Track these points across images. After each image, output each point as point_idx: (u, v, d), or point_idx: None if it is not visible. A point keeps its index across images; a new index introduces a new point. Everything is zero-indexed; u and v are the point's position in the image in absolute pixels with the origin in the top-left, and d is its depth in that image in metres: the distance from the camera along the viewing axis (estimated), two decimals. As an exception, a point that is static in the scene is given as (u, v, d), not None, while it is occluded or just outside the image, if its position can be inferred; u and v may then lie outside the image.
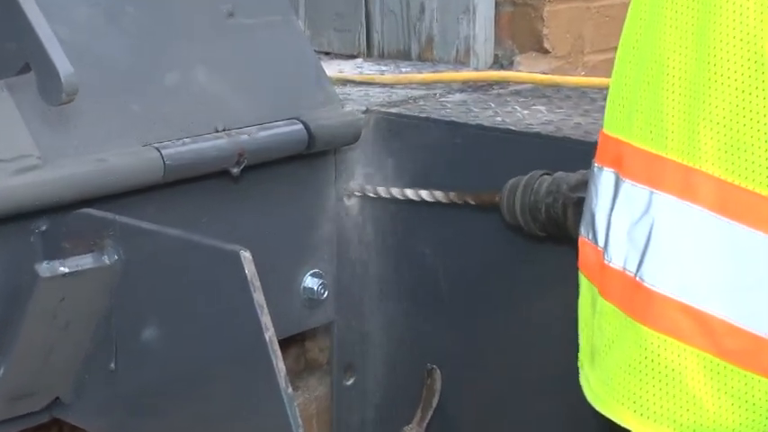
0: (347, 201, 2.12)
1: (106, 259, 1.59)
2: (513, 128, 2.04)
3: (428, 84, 2.44)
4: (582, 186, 1.66)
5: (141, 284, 1.59)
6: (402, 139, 2.12)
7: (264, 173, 1.92)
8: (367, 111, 2.14)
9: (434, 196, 2.02)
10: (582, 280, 1.31)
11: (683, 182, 1.16)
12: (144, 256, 1.58)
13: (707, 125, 1.14)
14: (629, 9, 1.26)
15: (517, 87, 2.42)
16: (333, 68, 2.61)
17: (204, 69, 1.87)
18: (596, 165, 1.29)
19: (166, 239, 1.56)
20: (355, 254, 2.16)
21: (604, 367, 1.23)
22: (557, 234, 1.82)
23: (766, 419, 1.16)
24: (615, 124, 1.25)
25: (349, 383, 2.23)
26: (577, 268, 1.32)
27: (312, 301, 2.06)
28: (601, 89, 2.34)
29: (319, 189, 2.06)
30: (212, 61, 1.89)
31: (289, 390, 1.46)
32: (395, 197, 2.07)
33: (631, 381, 1.20)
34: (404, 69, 2.68)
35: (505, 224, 1.91)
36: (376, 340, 2.22)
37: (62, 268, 1.55)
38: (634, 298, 1.19)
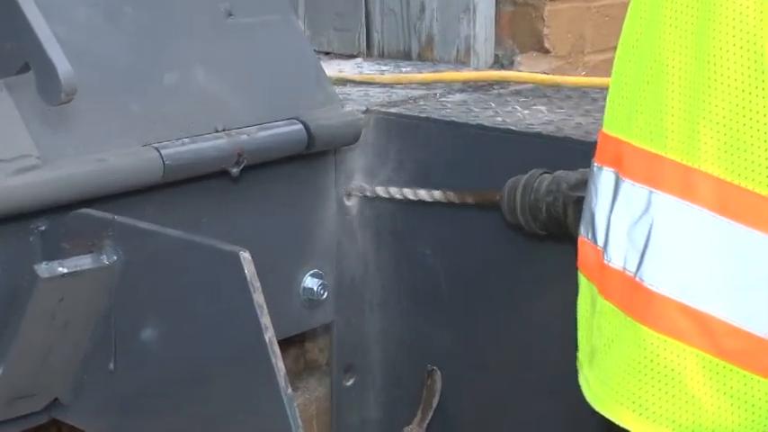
0: (347, 201, 2.12)
1: (105, 260, 1.58)
2: (514, 128, 2.04)
3: (428, 84, 2.44)
4: (582, 185, 1.65)
5: (140, 285, 1.59)
6: (402, 139, 2.12)
7: (264, 173, 1.92)
8: (367, 111, 2.13)
9: (434, 196, 2.02)
10: (581, 279, 1.30)
11: (683, 181, 1.15)
12: (143, 257, 1.58)
13: (706, 125, 1.14)
14: (628, 8, 1.25)
15: (518, 87, 2.41)
16: (333, 68, 2.61)
17: (203, 69, 1.87)
18: (596, 164, 1.28)
19: (166, 240, 1.56)
20: (355, 254, 2.16)
21: (603, 367, 1.23)
22: (557, 233, 1.82)
23: (766, 420, 1.16)
24: (615, 124, 1.25)
25: (349, 384, 2.23)
26: (577, 268, 1.32)
27: (312, 302, 2.06)
28: (601, 89, 2.33)
29: (319, 189, 2.06)
30: (211, 61, 1.89)
31: (288, 390, 1.45)
32: (395, 197, 2.07)
33: (630, 381, 1.20)
34: (404, 69, 2.68)
35: (506, 223, 1.90)
36: (376, 341, 2.22)
37: (61, 268, 1.55)
38: (633, 298, 1.19)
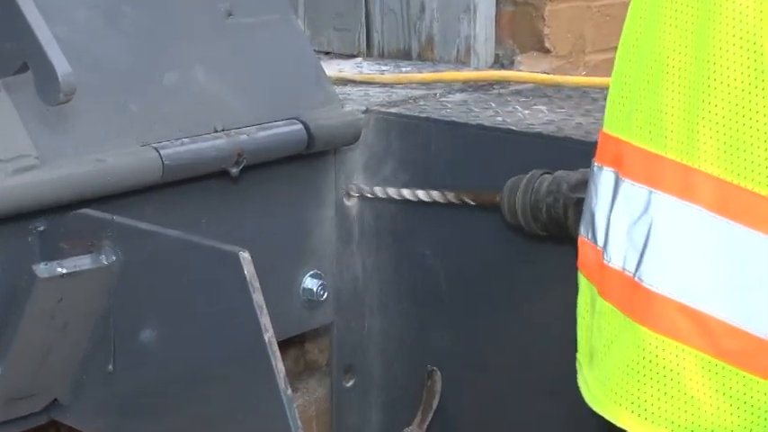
0: (347, 201, 2.11)
1: (104, 260, 1.58)
2: (514, 128, 2.04)
3: (428, 83, 2.43)
4: (582, 186, 1.65)
5: (140, 285, 1.59)
6: (402, 139, 2.11)
7: (264, 173, 1.92)
8: (367, 111, 2.13)
9: (433, 196, 2.01)
10: (581, 280, 1.30)
11: (683, 181, 1.15)
12: (142, 257, 1.58)
13: (706, 125, 1.14)
14: (629, 8, 1.25)
15: (518, 87, 2.41)
16: (333, 68, 2.60)
17: (203, 69, 1.87)
18: (596, 164, 1.28)
19: (165, 240, 1.56)
20: (355, 254, 2.15)
21: (603, 368, 1.23)
22: (558, 234, 1.82)
23: (764, 420, 1.15)
24: (615, 123, 1.25)
25: (349, 385, 2.23)
26: (577, 268, 1.32)
27: (312, 302, 2.06)
28: (602, 89, 2.32)
29: (319, 189, 2.06)
30: (211, 61, 1.89)
31: (288, 391, 1.45)
32: (395, 197, 2.06)
33: (629, 381, 1.19)
34: (404, 69, 2.67)
35: (506, 224, 1.90)
36: (376, 341, 2.22)
37: (60, 269, 1.55)
38: (633, 298, 1.19)
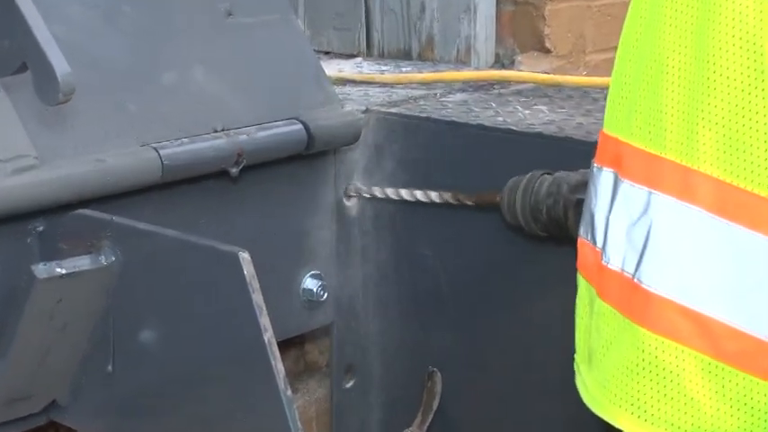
0: (347, 201, 2.11)
1: (103, 260, 1.58)
2: (515, 128, 2.04)
3: (428, 83, 2.43)
4: (583, 186, 1.64)
5: (139, 286, 1.58)
6: (402, 139, 2.11)
7: (263, 173, 1.91)
8: (367, 111, 2.13)
9: (433, 197, 2.01)
10: (580, 281, 1.30)
11: (682, 182, 1.15)
12: (142, 258, 1.58)
13: (706, 125, 1.14)
14: (629, 8, 1.25)
15: (518, 87, 2.41)
16: (332, 68, 2.60)
17: (202, 69, 1.87)
18: (596, 165, 1.28)
19: (164, 240, 1.56)
20: (355, 255, 2.15)
21: (602, 369, 1.22)
22: (558, 235, 1.81)
23: (765, 422, 1.15)
24: (615, 124, 1.25)
25: (349, 386, 2.22)
26: (577, 269, 1.32)
27: (311, 303, 2.05)
28: (603, 89, 2.32)
29: (318, 189, 2.05)
30: (211, 61, 1.89)
31: (288, 392, 1.45)
32: (394, 198, 2.06)
33: (629, 383, 1.19)
34: (404, 69, 2.67)
35: (506, 224, 1.90)
36: (376, 342, 2.21)
37: (59, 269, 1.55)
38: (632, 299, 1.19)
